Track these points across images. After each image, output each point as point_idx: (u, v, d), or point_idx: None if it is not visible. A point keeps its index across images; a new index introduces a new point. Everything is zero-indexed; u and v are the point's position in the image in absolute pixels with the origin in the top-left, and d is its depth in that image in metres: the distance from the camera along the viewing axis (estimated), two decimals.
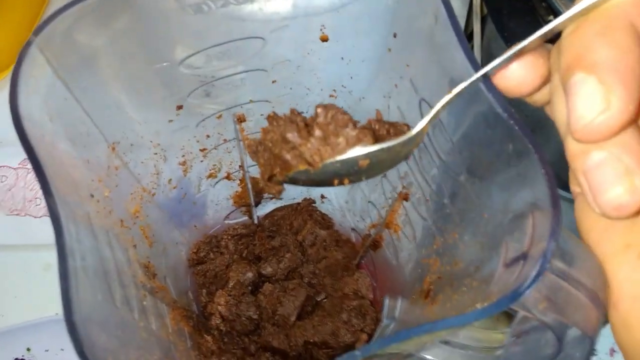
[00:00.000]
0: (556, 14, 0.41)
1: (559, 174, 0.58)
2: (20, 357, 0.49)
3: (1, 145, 0.56)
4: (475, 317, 0.23)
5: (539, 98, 0.26)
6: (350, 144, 0.25)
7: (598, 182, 0.18)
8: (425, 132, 0.27)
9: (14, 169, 0.55)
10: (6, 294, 0.52)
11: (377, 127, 0.27)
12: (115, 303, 0.27)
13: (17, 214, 0.54)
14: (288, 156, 0.26)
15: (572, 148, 0.19)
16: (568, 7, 0.24)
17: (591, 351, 0.29)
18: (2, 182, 0.55)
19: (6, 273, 0.53)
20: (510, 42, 0.52)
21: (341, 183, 0.27)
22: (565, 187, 0.56)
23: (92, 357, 0.21)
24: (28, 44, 0.25)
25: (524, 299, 0.25)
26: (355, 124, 0.26)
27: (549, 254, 0.23)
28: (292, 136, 0.26)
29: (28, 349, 0.50)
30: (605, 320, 0.28)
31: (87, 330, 0.22)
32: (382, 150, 0.26)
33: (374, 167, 0.26)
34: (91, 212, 0.29)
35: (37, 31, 0.26)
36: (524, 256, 0.24)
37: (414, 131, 0.26)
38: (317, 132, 0.26)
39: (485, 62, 0.60)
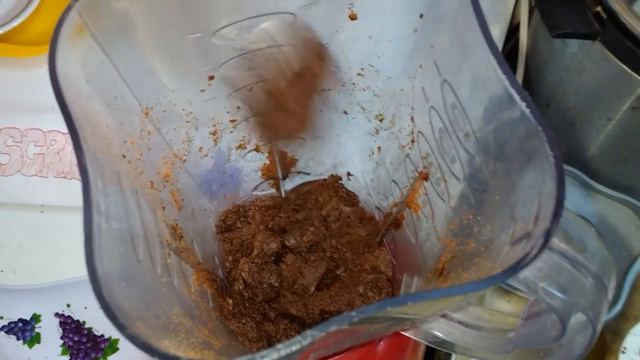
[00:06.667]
0: (603, 4, 0.41)
1: (597, 169, 0.57)
2: (61, 312, 0.52)
3: (53, 112, 0.58)
4: (470, 290, 0.23)
5: None
6: None
7: None
8: None
9: (63, 134, 0.57)
10: (50, 251, 0.53)
11: None
12: (137, 257, 0.29)
13: (63, 177, 0.56)
14: None
15: None
16: None
17: (594, 337, 0.29)
18: (52, 145, 0.58)
19: (51, 232, 0.54)
20: (554, 31, 0.51)
21: None
22: (603, 181, 0.55)
23: (109, 299, 0.23)
24: (69, 8, 0.27)
25: (525, 277, 0.26)
26: None
27: (550, 233, 0.23)
28: None
29: (68, 305, 0.52)
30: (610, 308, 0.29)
31: (106, 276, 0.24)
32: None
33: None
34: (121, 171, 0.31)
35: None
36: (527, 235, 0.25)
37: None
38: None
39: (531, 51, 0.58)
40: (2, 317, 0.51)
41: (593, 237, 0.28)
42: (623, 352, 0.43)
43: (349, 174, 0.49)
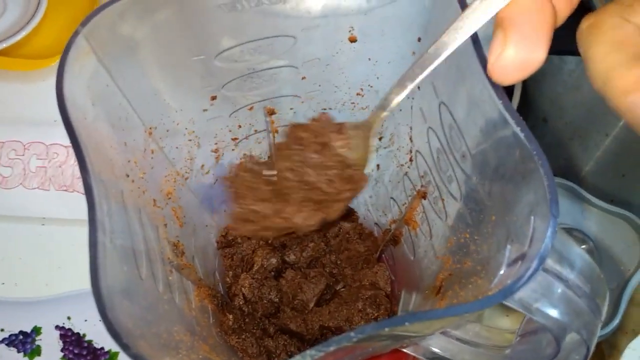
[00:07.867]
0: None
1: (594, 183, 0.57)
2: (61, 325, 0.52)
3: (55, 125, 0.59)
4: (465, 311, 0.24)
5: None
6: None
7: None
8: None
9: (65, 147, 0.58)
10: (51, 264, 0.54)
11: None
12: (140, 275, 0.30)
13: (65, 190, 0.56)
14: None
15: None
16: None
17: (588, 356, 0.30)
18: (53, 158, 0.58)
19: (52, 245, 0.55)
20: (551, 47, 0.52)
21: None
22: (600, 196, 0.56)
23: (113, 319, 0.23)
24: (76, 33, 0.28)
25: (520, 297, 0.27)
26: None
27: (544, 255, 0.24)
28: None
29: (69, 318, 0.52)
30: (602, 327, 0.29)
31: (111, 295, 0.24)
32: None
33: None
34: (125, 190, 0.31)
35: (85, 22, 0.28)
36: (522, 256, 0.25)
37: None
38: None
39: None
40: (2, 330, 0.52)
41: (587, 258, 0.28)
42: None
43: None
